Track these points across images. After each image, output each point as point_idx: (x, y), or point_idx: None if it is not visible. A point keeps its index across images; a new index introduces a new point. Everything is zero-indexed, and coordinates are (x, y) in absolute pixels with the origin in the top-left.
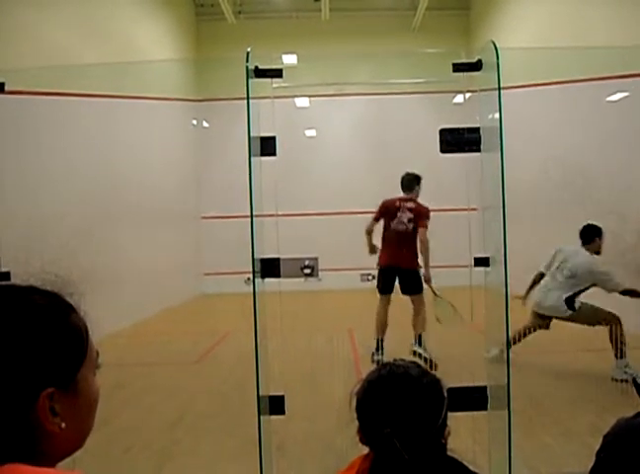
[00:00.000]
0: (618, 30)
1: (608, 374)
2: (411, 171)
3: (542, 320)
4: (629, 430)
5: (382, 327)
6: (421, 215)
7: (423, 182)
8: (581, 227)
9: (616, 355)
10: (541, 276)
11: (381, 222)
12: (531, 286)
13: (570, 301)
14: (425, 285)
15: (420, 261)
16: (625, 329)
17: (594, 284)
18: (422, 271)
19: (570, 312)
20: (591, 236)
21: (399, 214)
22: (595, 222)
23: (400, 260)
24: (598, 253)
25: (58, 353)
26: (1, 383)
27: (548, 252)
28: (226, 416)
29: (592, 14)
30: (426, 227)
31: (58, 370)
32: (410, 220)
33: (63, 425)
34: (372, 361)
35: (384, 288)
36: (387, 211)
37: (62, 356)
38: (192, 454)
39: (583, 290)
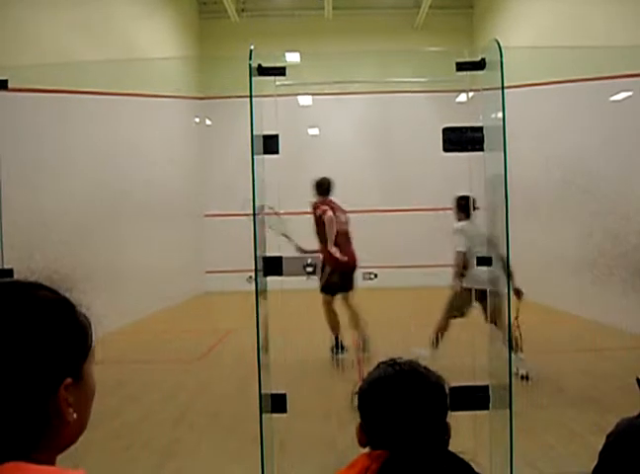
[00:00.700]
0: (621, 29)
1: (610, 373)
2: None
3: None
4: (632, 430)
5: (338, 325)
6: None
7: (424, 180)
8: (458, 201)
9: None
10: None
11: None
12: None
13: None
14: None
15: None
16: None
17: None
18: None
19: None
20: (469, 207)
21: (338, 214)
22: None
23: (356, 258)
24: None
25: (71, 345)
26: (25, 375)
27: (550, 251)
28: (228, 414)
29: (595, 13)
30: None
31: (72, 362)
32: (347, 220)
33: (75, 415)
34: (334, 359)
35: (346, 288)
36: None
37: (74, 349)
38: (193, 452)
39: None
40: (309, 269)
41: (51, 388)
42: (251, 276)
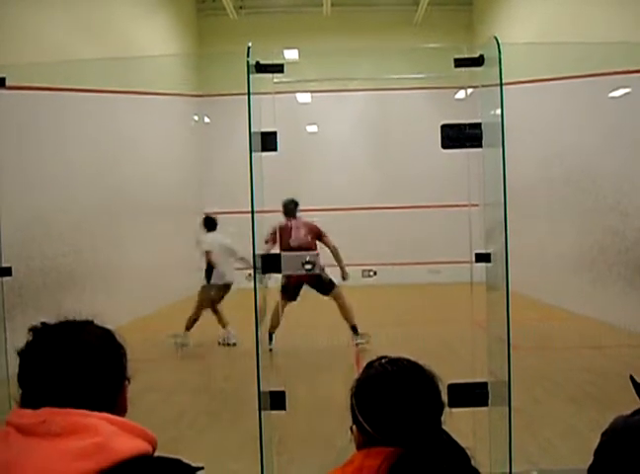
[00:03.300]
0: (620, 26)
1: (610, 370)
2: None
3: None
4: (627, 428)
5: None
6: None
7: (423, 177)
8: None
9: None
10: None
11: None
12: None
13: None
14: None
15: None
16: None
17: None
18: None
19: None
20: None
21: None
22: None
23: None
24: None
25: (124, 359)
26: (103, 381)
27: (549, 248)
28: (227, 411)
29: (594, 10)
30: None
31: (125, 369)
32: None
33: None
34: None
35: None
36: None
37: (124, 361)
38: (193, 450)
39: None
40: (308, 266)
41: (119, 387)
42: (250, 274)
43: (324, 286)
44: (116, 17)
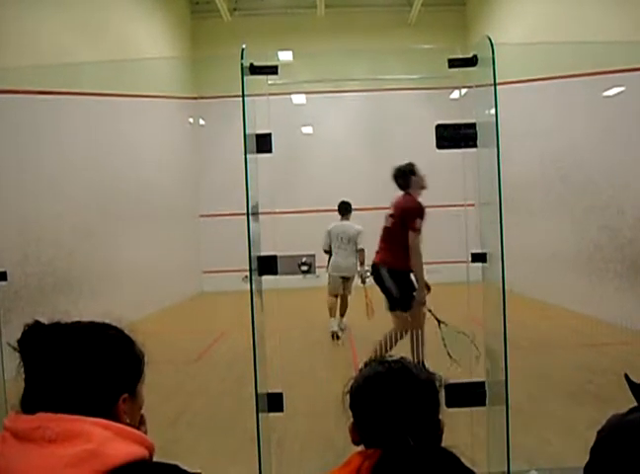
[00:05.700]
0: (613, 25)
1: (608, 368)
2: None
3: (343, 281)
4: (622, 426)
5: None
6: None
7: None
8: (339, 205)
9: (341, 315)
10: (326, 252)
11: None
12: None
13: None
14: None
15: None
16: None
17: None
18: None
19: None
20: (347, 210)
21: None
22: (346, 199)
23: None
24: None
25: (129, 370)
26: (96, 390)
27: (545, 246)
28: (225, 414)
29: (587, 9)
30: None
31: (129, 382)
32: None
33: (128, 420)
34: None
35: None
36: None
37: (131, 373)
38: (191, 453)
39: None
40: (304, 267)
41: (113, 398)
42: (246, 276)
43: None
44: (110, 19)
